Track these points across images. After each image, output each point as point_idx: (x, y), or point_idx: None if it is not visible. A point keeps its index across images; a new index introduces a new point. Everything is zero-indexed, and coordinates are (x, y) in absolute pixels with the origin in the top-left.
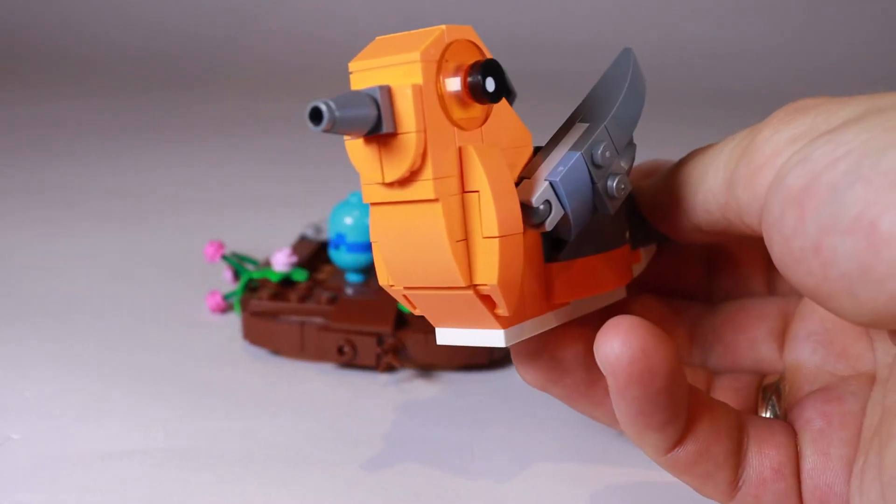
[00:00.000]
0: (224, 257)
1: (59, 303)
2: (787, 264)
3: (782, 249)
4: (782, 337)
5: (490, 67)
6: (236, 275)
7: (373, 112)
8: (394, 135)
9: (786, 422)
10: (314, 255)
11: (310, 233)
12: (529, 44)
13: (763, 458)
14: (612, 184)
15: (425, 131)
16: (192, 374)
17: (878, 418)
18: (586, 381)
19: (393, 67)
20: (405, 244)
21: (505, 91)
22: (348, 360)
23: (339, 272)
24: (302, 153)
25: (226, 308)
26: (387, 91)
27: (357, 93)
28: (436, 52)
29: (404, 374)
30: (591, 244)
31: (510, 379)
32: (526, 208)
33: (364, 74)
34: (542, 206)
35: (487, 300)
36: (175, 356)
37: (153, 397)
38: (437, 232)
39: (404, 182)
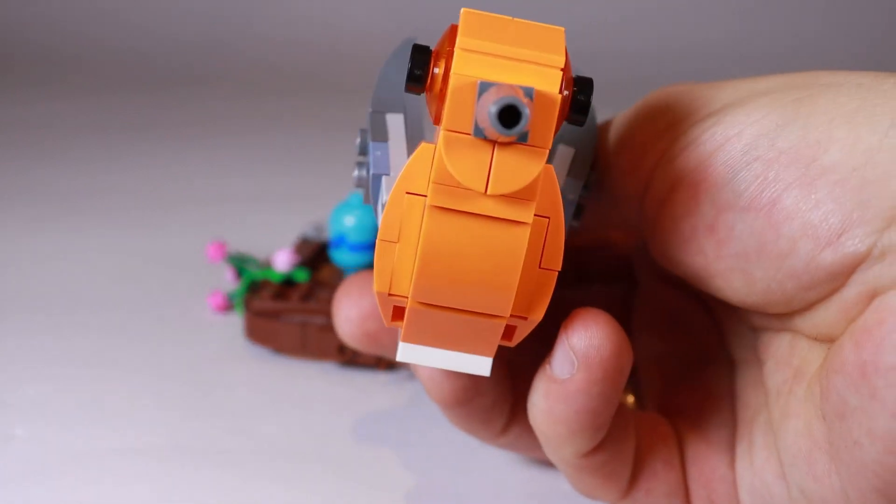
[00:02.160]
0: (227, 258)
1: (61, 301)
2: (671, 244)
3: (668, 229)
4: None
5: (590, 85)
6: (238, 275)
7: (525, 111)
8: (522, 145)
9: (657, 415)
10: (315, 254)
11: (311, 233)
12: None
13: (654, 452)
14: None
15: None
16: (195, 373)
17: (760, 399)
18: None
19: (525, 65)
20: (467, 262)
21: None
22: (349, 359)
23: (340, 272)
24: (303, 153)
25: (228, 308)
26: (531, 94)
27: (514, 88)
28: (562, 59)
29: (405, 373)
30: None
31: None
32: None
33: (478, 59)
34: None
35: (508, 332)
36: (177, 355)
37: (155, 396)
38: (514, 258)
39: (509, 198)
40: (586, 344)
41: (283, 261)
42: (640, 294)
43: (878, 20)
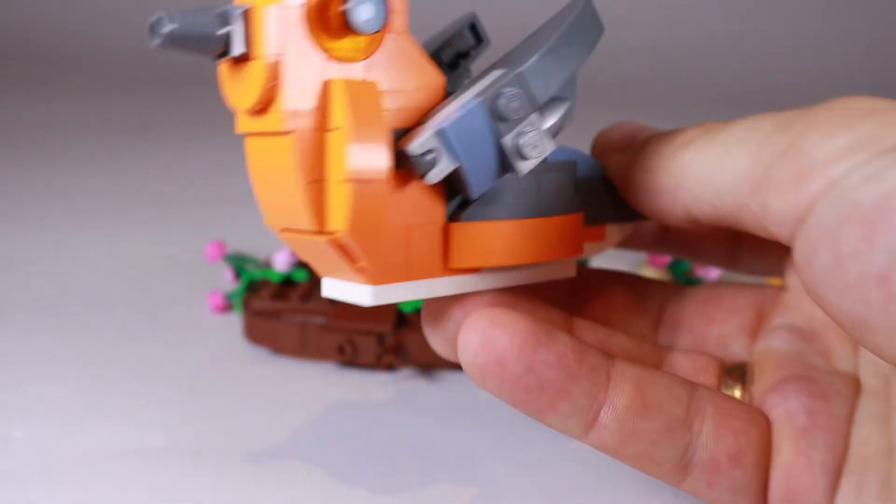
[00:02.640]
0: (226, 257)
1: (59, 302)
2: (831, 287)
3: (831, 269)
4: (754, 332)
5: None
6: (237, 275)
7: (216, 30)
8: (248, 59)
9: (754, 408)
10: None
11: None
12: None
13: (719, 442)
14: (521, 141)
15: (280, 57)
16: (194, 374)
17: (883, 442)
18: None
19: None
20: (267, 180)
21: (380, 20)
22: (349, 359)
23: None
24: None
25: (227, 308)
26: (246, 12)
27: (204, 9)
28: None
29: (404, 373)
30: (509, 208)
31: None
32: (410, 156)
33: None
34: (425, 156)
35: (346, 251)
36: (176, 355)
37: (154, 396)
38: (289, 168)
39: (260, 111)
40: (461, 352)
41: (282, 260)
42: (788, 298)
43: (879, 19)
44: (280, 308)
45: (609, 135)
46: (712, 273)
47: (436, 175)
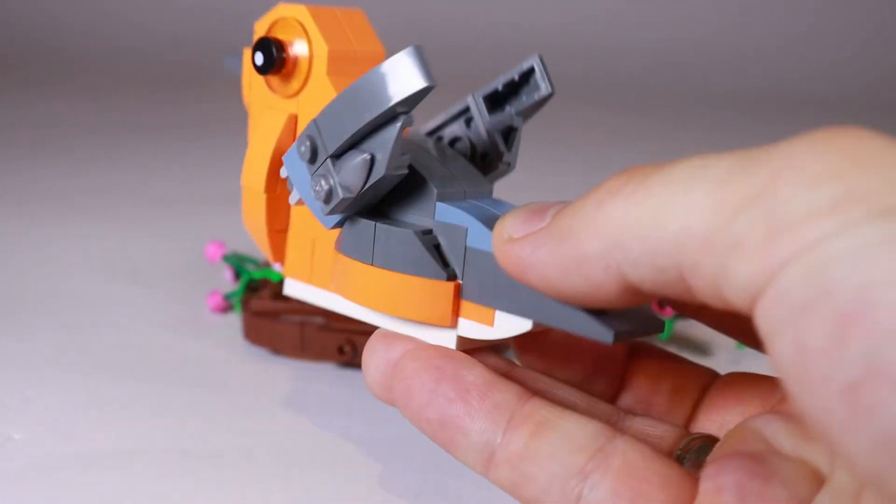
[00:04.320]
0: (225, 257)
1: (59, 303)
2: (792, 379)
3: (793, 361)
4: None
5: (260, 45)
6: (237, 275)
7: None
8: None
9: (681, 476)
10: None
11: None
12: (537, 47)
13: (612, 500)
14: (311, 182)
15: (250, 91)
16: (193, 374)
17: None
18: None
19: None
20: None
21: (274, 66)
22: (348, 359)
23: None
24: None
25: (226, 308)
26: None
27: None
28: (261, 28)
29: None
30: (350, 246)
31: None
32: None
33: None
34: (288, 178)
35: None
36: (176, 356)
37: (154, 397)
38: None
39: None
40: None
41: None
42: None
43: (867, 19)
44: (280, 308)
45: (512, 218)
46: (669, 311)
47: (291, 199)
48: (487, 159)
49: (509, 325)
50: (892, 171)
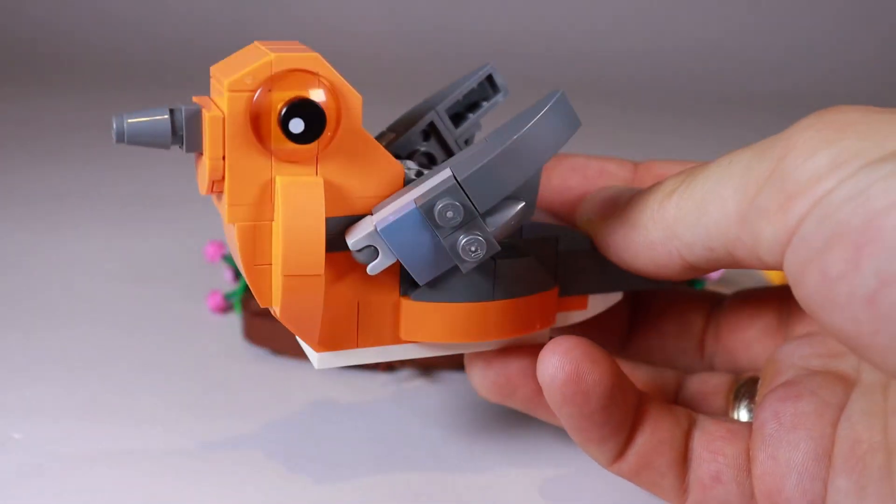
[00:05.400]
0: (225, 257)
1: (58, 302)
2: (821, 306)
3: (820, 290)
4: (779, 333)
5: (299, 108)
6: (237, 275)
7: (166, 129)
8: (201, 154)
9: (736, 424)
10: None
11: None
12: (538, 49)
13: (703, 465)
14: (459, 245)
15: (224, 160)
16: (193, 374)
17: (877, 434)
18: (538, 392)
19: (220, 88)
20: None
21: (315, 134)
22: None
23: None
24: None
25: (226, 308)
26: (199, 113)
27: (157, 110)
28: (254, 82)
29: (404, 373)
30: (456, 293)
31: None
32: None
33: (214, 83)
34: (363, 251)
35: None
36: (175, 356)
37: (153, 397)
38: (238, 251)
39: (219, 198)
40: (541, 373)
41: None
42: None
43: (873, 20)
44: None
45: (591, 203)
46: (714, 273)
47: (373, 269)
48: None
49: (601, 303)
50: (873, 134)
